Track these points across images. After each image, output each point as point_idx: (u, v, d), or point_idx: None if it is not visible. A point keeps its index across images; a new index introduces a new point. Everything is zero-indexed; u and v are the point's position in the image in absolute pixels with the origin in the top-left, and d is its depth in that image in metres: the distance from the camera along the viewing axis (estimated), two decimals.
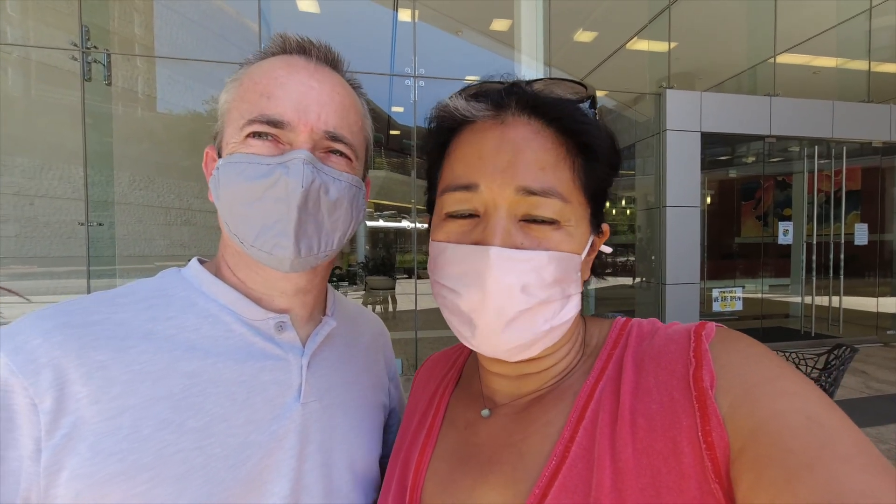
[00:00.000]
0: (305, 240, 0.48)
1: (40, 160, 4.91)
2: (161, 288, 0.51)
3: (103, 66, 4.26)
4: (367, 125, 0.58)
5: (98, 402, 0.41)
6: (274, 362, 0.51)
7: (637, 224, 6.35)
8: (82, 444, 0.40)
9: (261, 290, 0.53)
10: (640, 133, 5.88)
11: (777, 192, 8.18)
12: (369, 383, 0.65)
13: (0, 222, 4.86)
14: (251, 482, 0.46)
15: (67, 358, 0.42)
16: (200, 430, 0.45)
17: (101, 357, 0.43)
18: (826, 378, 3.05)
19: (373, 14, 7.01)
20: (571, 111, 0.44)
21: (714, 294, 5.47)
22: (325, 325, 0.58)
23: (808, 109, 5.54)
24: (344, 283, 8.62)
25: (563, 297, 0.43)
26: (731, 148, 7.68)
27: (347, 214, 0.52)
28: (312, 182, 0.47)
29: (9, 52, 4.97)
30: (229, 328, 0.50)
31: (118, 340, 0.44)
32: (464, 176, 0.43)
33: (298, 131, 0.48)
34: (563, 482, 0.39)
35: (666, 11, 5.58)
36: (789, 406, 0.32)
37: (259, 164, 0.47)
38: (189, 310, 0.50)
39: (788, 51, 6.54)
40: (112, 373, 0.43)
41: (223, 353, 0.49)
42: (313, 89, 0.49)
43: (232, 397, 0.47)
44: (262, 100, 0.48)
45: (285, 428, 0.50)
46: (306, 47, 0.52)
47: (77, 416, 0.41)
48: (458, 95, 0.46)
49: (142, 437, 0.42)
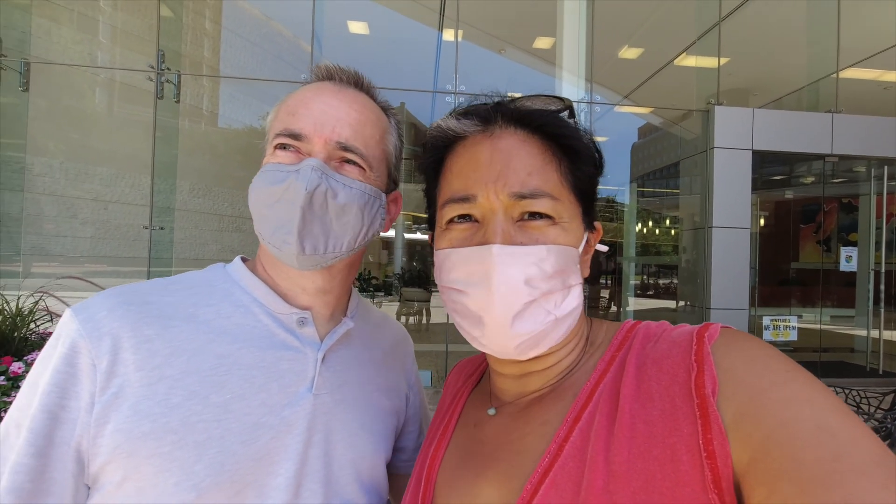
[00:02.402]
0: (310, 239, 0.53)
1: (116, 169, 5.46)
2: (207, 279, 0.59)
3: (174, 85, 4.70)
4: (390, 141, 0.63)
5: (142, 369, 0.48)
6: (293, 353, 0.56)
7: (682, 245, 6.08)
8: (126, 404, 0.47)
9: (286, 287, 0.58)
10: (688, 151, 5.67)
11: (841, 216, 7.56)
12: (384, 387, 0.67)
13: (79, 224, 5.42)
14: (260, 459, 0.50)
15: (124, 329, 0.49)
16: (221, 406, 0.50)
17: (150, 332, 0.50)
18: (893, 420, 2.77)
19: (419, 34, 7.28)
20: (553, 119, 0.48)
21: (765, 322, 5.09)
22: (343, 325, 0.62)
23: (876, 127, 5.12)
24: (380, 294, 8.80)
25: (564, 288, 0.45)
26: (790, 167, 7.21)
27: (358, 220, 0.56)
28: (318, 186, 0.52)
29: (96, 74, 5.60)
30: (257, 318, 0.56)
31: (165, 319, 0.51)
32: (462, 189, 0.47)
33: (314, 142, 0.54)
34: (553, 480, 0.40)
35: (716, 27, 5.41)
36: (799, 415, 0.31)
37: (279, 171, 0.53)
38: (226, 299, 0.56)
39: (854, 65, 6.12)
40: (156, 346, 0.49)
41: (248, 340, 0.54)
42: (332, 107, 0.56)
43: (251, 380, 0.52)
44: (289, 117, 0.55)
45: (296, 414, 0.54)
46: (333, 73, 0.59)
47: (124, 378, 0.47)
48: (449, 117, 0.50)
49: (172, 403, 0.48)
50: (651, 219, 10.18)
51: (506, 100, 0.50)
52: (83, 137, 5.61)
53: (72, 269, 5.28)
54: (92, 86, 5.64)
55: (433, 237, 0.54)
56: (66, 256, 5.42)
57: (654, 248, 10.55)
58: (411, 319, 7.97)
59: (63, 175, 5.32)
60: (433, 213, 0.54)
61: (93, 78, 5.59)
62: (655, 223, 10.10)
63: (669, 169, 7.85)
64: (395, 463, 0.72)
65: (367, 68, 0.61)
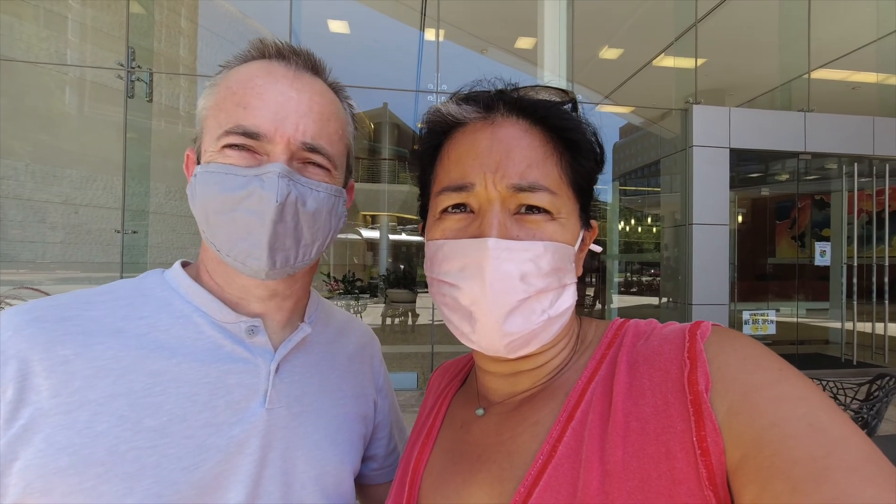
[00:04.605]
0: (282, 252, 0.48)
1: (87, 172, 5.27)
2: (140, 287, 0.52)
3: (146, 84, 4.56)
4: (349, 131, 0.57)
5: (58, 395, 0.42)
6: (242, 365, 0.51)
7: (664, 242, 6.18)
8: (38, 436, 0.41)
9: (237, 295, 0.53)
10: (667, 149, 5.77)
11: (815, 212, 7.80)
12: (350, 393, 0.63)
13: (48, 229, 5.21)
14: (205, 486, 0.45)
15: (34, 351, 0.42)
16: (157, 430, 0.44)
17: (66, 352, 0.43)
18: (868, 410, 2.84)
19: (401, 34, 7.25)
20: (556, 110, 0.46)
21: (745, 316, 5.21)
22: (300, 331, 0.56)
23: (847, 125, 5.30)
24: (365, 296, 8.72)
25: (559, 287, 0.44)
26: (766, 165, 7.41)
27: (327, 223, 0.52)
28: (288, 195, 0.46)
29: (65, 73, 5.40)
30: (200, 330, 0.50)
31: (85, 336, 0.45)
32: (460, 177, 0.44)
33: (276, 143, 0.47)
34: (548, 482, 0.38)
35: (693, 28, 5.52)
36: (791, 412, 0.31)
37: (235, 176, 0.46)
38: (163, 310, 0.50)
39: (825, 66, 6.32)
40: (74, 367, 0.43)
41: (189, 354, 0.48)
42: (292, 99, 0.48)
43: (193, 398, 0.47)
44: (239, 110, 0.47)
45: (247, 432, 0.49)
46: (285, 53, 0.51)
47: (36, 407, 0.41)
48: (450, 101, 0.47)
49: (96, 432, 0.42)
50: (633, 217, 10.34)
51: (508, 87, 0.47)
52: (52, 138, 5.40)
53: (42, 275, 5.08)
54: (60, 85, 5.43)
55: (424, 227, 0.52)
56: (35, 263, 5.20)
57: (637, 246, 10.73)
58: (397, 321, 7.92)
59: (30, 177, 5.10)
60: (426, 201, 0.51)
61: (61, 76, 5.38)
62: (638, 221, 10.27)
63: (650, 167, 7.98)
64: (366, 472, 0.68)
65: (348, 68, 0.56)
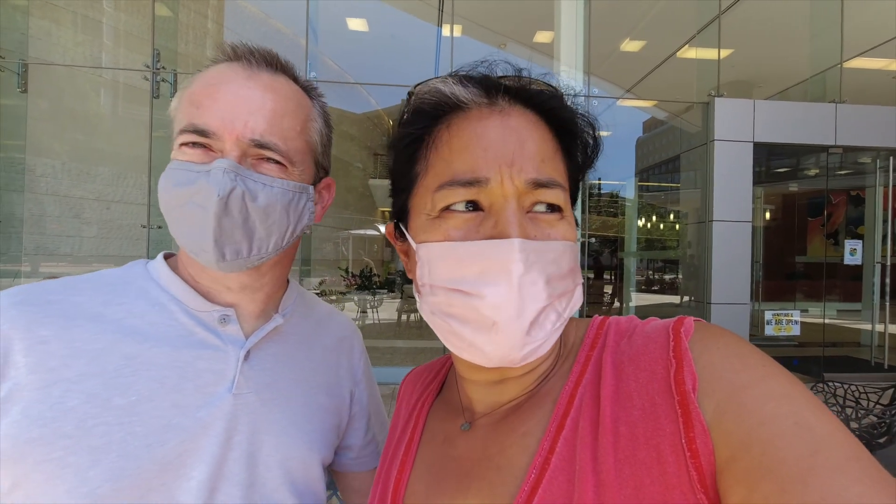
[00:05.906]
0: (231, 245, 0.50)
1: (119, 169, 5.54)
2: (124, 276, 0.56)
3: (171, 84, 4.75)
4: (314, 128, 0.58)
5: (35, 371, 0.46)
6: (212, 352, 0.54)
7: (685, 239, 6.01)
8: (15, 408, 0.45)
9: (208, 285, 0.56)
10: (689, 144, 5.60)
11: (850, 209, 7.42)
12: (323, 384, 0.65)
13: (83, 224, 5.51)
14: (168, 463, 0.48)
15: (15, 331, 0.47)
16: (125, 408, 0.48)
17: (45, 332, 0.48)
18: (890, 415, 2.72)
19: (419, 30, 7.27)
20: (562, 103, 0.43)
21: (767, 316, 5.00)
22: (272, 321, 0.59)
23: (882, 117, 5.01)
24: (382, 291, 8.83)
25: (573, 288, 0.42)
26: (796, 160, 7.08)
27: (283, 219, 0.54)
28: (233, 190, 0.48)
29: (98, 75, 5.69)
30: (174, 317, 0.54)
31: (66, 319, 0.49)
32: (469, 170, 0.39)
33: (224, 140, 0.50)
34: (543, 496, 0.37)
35: (717, 19, 5.33)
36: (778, 411, 0.31)
37: (187, 171, 0.50)
38: (141, 297, 0.54)
39: (861, 55, 5.99)
40: (52, 347, 0.47)
41: (161, 339, 0.52)
42: (242, 98, 0.51)
43: (162, 381, 0.50)
44: (192, 109, 0.50)
45: (212, 415, 0.52)
46: (242, 53, 0.53)
47: (15, 382, 0.46)
48: (450, 80, 0.42)
49: (67, 407, 0.46)
50: (655, 213, 10.08)
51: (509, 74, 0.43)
52: (86, 138, 5.70)
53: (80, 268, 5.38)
54: (95, 87, 5.72)
55: (396, 227, 0.47)
56: (73, 256, 5.53)
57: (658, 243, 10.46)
58: (413, 316, 7.99)
59: (66, 175, 5.42)
60: (405, 198, 0.45)
61: (96, 79, 5.67)
62: (659, 217, 10.01)
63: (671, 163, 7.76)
64: (343, 461, 0.72)
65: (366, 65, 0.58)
